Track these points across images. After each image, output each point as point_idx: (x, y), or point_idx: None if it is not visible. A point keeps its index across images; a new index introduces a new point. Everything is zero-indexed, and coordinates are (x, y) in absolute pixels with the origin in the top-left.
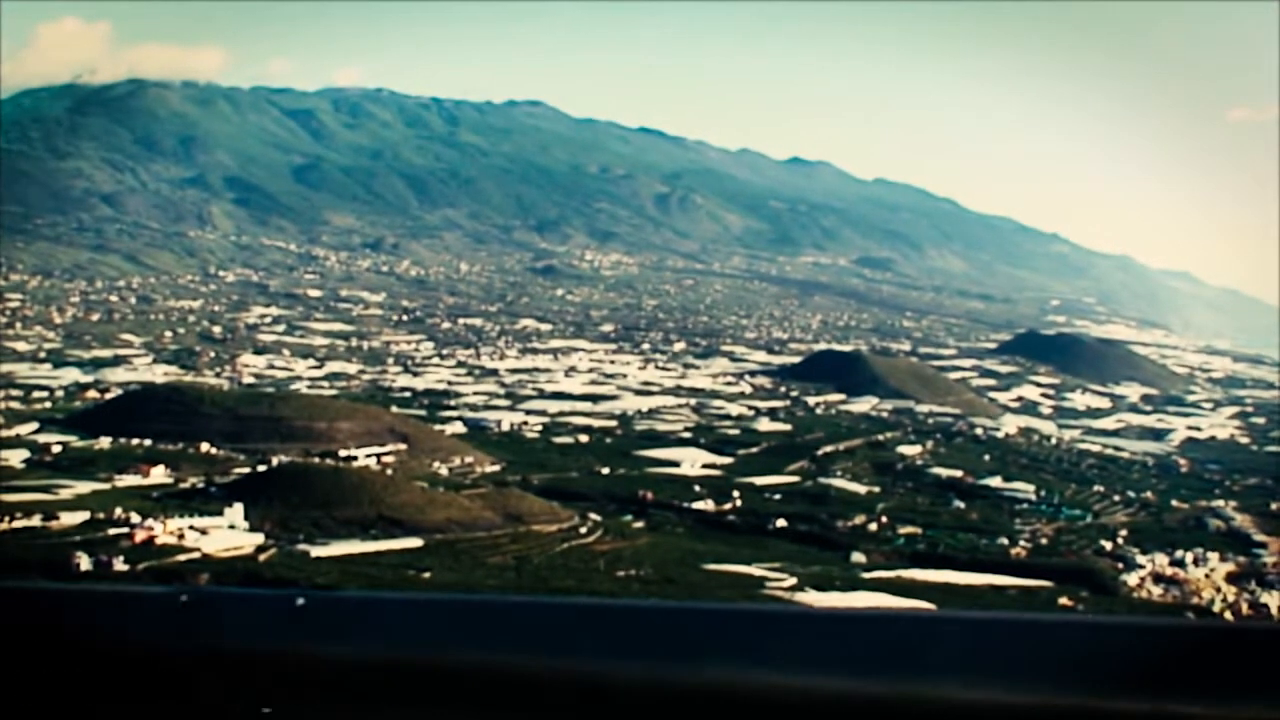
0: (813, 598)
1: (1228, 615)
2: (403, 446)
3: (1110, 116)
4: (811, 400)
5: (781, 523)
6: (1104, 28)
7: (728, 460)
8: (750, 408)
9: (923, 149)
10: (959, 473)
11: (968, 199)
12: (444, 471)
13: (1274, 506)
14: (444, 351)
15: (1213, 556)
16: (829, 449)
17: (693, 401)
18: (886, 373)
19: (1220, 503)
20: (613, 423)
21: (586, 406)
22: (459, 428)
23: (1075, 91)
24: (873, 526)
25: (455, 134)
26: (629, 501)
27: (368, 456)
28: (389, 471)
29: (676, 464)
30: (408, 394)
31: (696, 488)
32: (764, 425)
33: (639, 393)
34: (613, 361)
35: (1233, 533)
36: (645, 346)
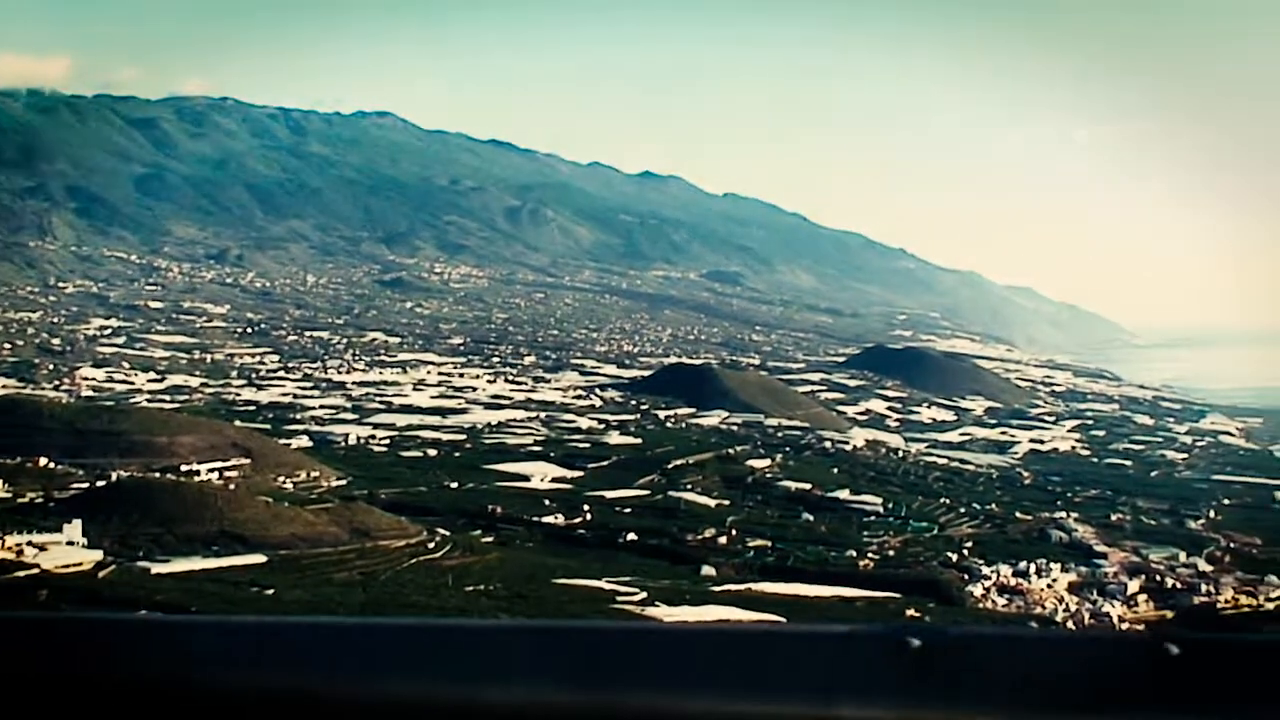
0: (663, 612)
1: (1069, 625)
2: (246, 461)
3: (956, 133)
4: (661, 414)
5: (632, 536)
6: (950, 45)
7: (578, 474)
8: (600, 421)
9: (772, 164)
10: (808, 486)
11: (816, 214)
12: (289, 486)
13: (1114, 518)
14: (289, 365)
15: (1055, 567)
16: (679, 462)
17: (543, 415)
18: (736, 386)
19: (1062, 514)
20: (462, 436)
21: (435, 420)
22: (304, 442)
23: (921, 108)
24: (723, 540)
25: (302, 144)
26: (478, 516)
27: (210, 471)
28: (232, 487)
29: (526, 478)
30: (252, 408)
31: (546, 502)
32: (614, 439)
33: (488, 406)
34: (462, 375)
35: (1074, 544)
36: (495, 360)
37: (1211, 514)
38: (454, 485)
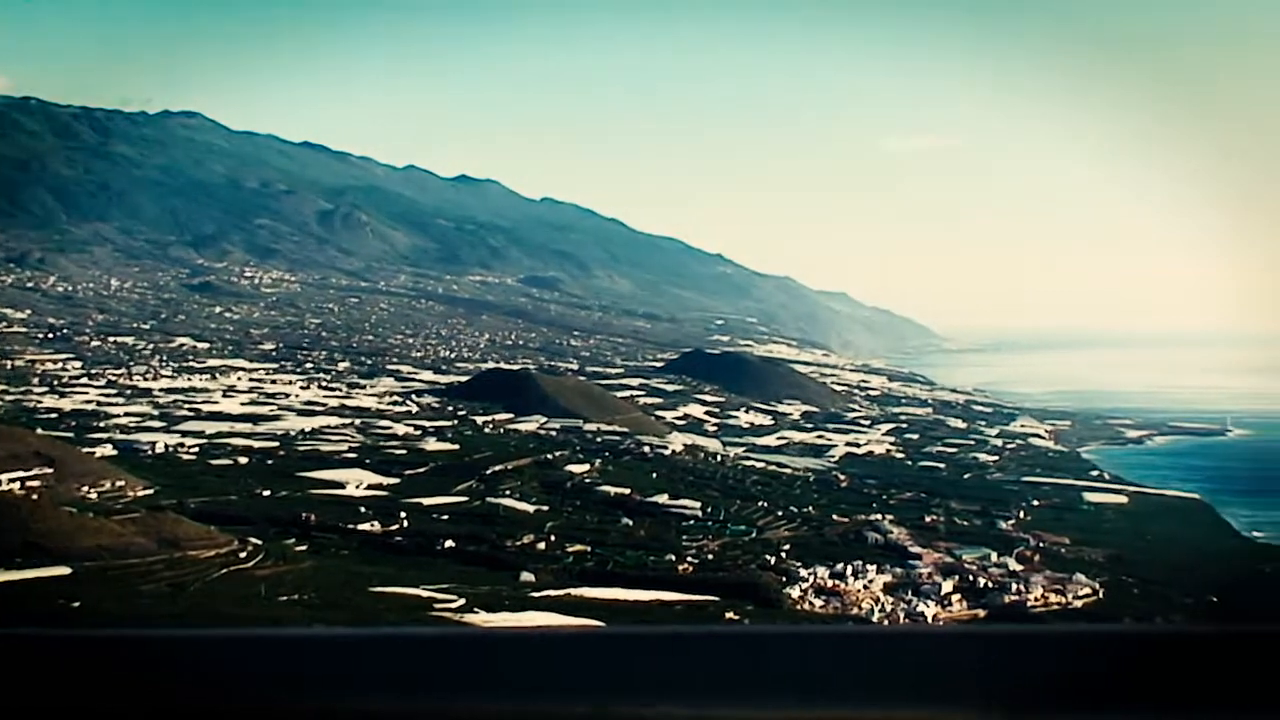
0: (481, 618)
1: (886, 624)
2: (48, 470)
3: (770, 141)
4: (479, 419)
5: (450, 543)
6: (765, 50)
7: (394, 481)
8: (417, 427)
9: (590, 169)
10: (627, 490)
11: (635, 220)
12: (93, 496)
13: (928, 519)
14: (93, 371)
15: (871, 569)
16: (497, 468)
17: (358, 421)
18: (554, 392)
19: (878, 517)
20: (274, 444)
21: (246, 427)
22: (109, 450)
23: (737, 114)
24: (541, 545)
25: (107, 145)
26: (291, 524)
27: (10, 482)
28: (34, 497)
29: (341, 485)
30: (54, 415)
31: (362, 509)
32: (431, 445)
33: (302, 413)
34: (274, 381)
35: (890, 545)
36: (308, 366)
37: (1021, 514)
38: (266, 493)
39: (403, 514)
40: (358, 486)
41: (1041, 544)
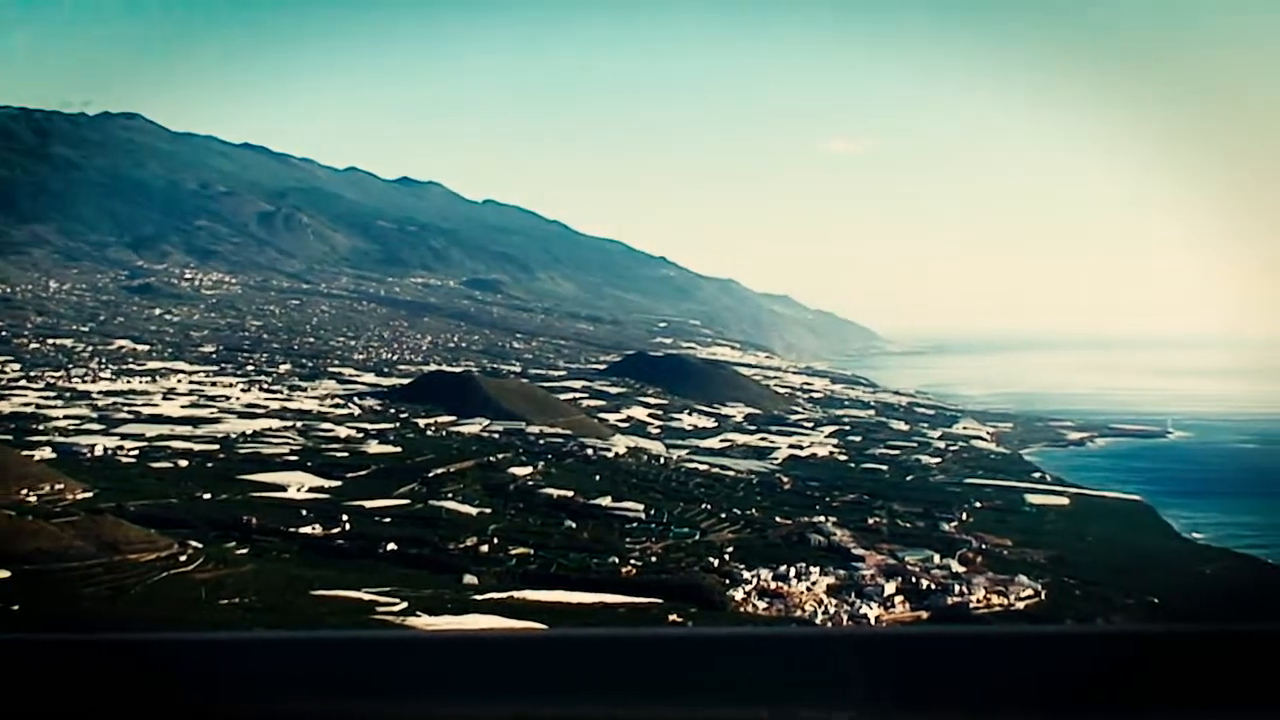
0: (424, 621)
1: (828, 626)
2: None
3: (713, 143)
4: (422, 422)
5: (392, 546)
6: (708, 59)
7: (336, 483)
8: (359, 430)
9: (533, 171)
10: (570, 493)
11: (578, 222)
12: (32, 499)
13: (871, 521)
14: (31, 374)
15: (814, 570)
16: (440, 471)
17: (299, 424)
18: (497, 394)
19: (821, 519)
20: (215, 447)
21: (187, 430)
22: (48, 454)
23: (680, 116)
24: (484, 548)
25: (46, 146)
26: (232, 528)
27: None
28: None
29: (283, 488)
30: None
31: (304, 512)
32: (373, 448)
33: (242, 416)
34: (214, 384)
35: (833, 547)
36: (249, 368)
37: (964, 516)
38: (207, 496)
39: (344, 517)
40: (299, 489)
41: (984, 546)
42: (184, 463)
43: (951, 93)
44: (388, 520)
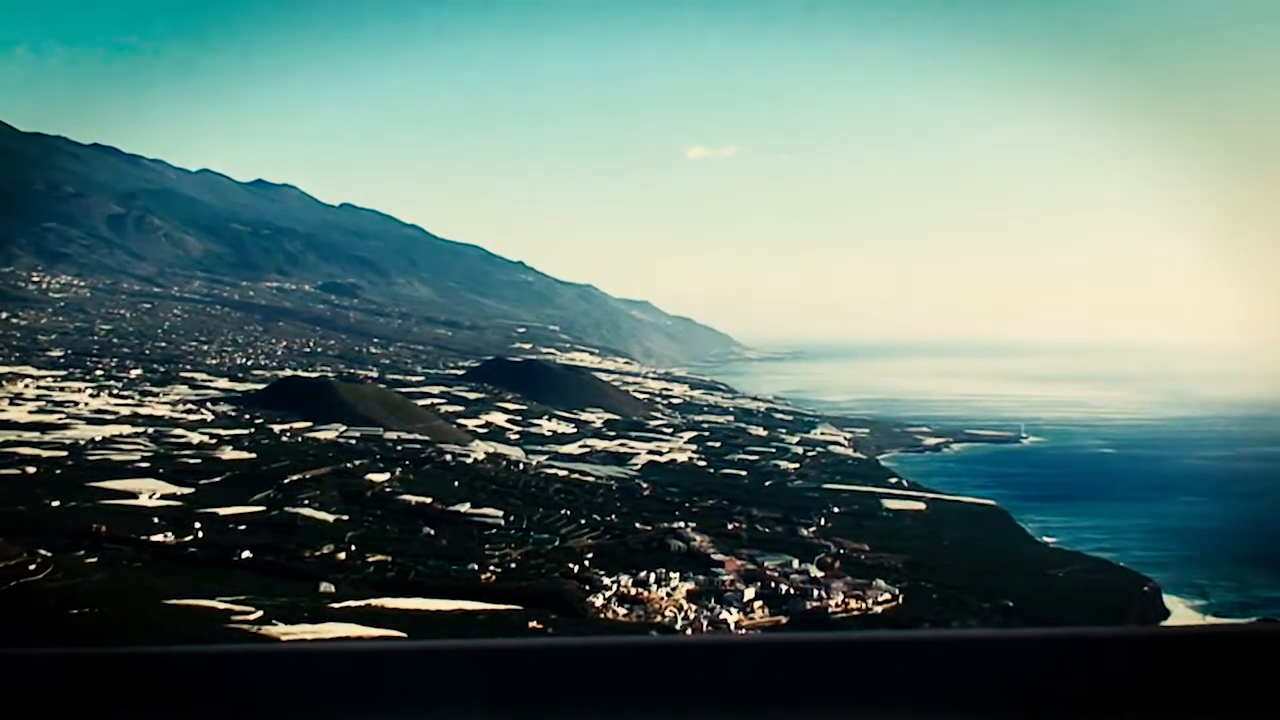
0: (280, 630)
1: (688, 631)
2: None
3: (570, 149)
4: (277, 428)
5: (247, 554)
6: (567, 60)
7: (189, 490)
8: (212, 436)
9: (389, 175)
10: (428, 499)
11: (435, 226)
12: None
13: (730, 527)
14: None
15: (674, 576)
16: (295, 477)
17: (150, 430)
18: (354, 400)
19: (681, 524)
20: (63, 453)
21: (34, 436)
22: None
23: (539, 119)
24: (341, 555)
25: None
26: (82, 536)
27: None
28: None
29: (134, 495)
30: None
31: (155, 520)
32: (227, 454)
33: (92, 421)
34: (62, 389)
35: (693, 553)
36: (98, 373)
37: (822, 521)
38: (55, 504)
39: (198, 524)
40: (151, 496)
41: (842, 550)
42: (31, 469)
43: (815, 95)
44: (242, 527)
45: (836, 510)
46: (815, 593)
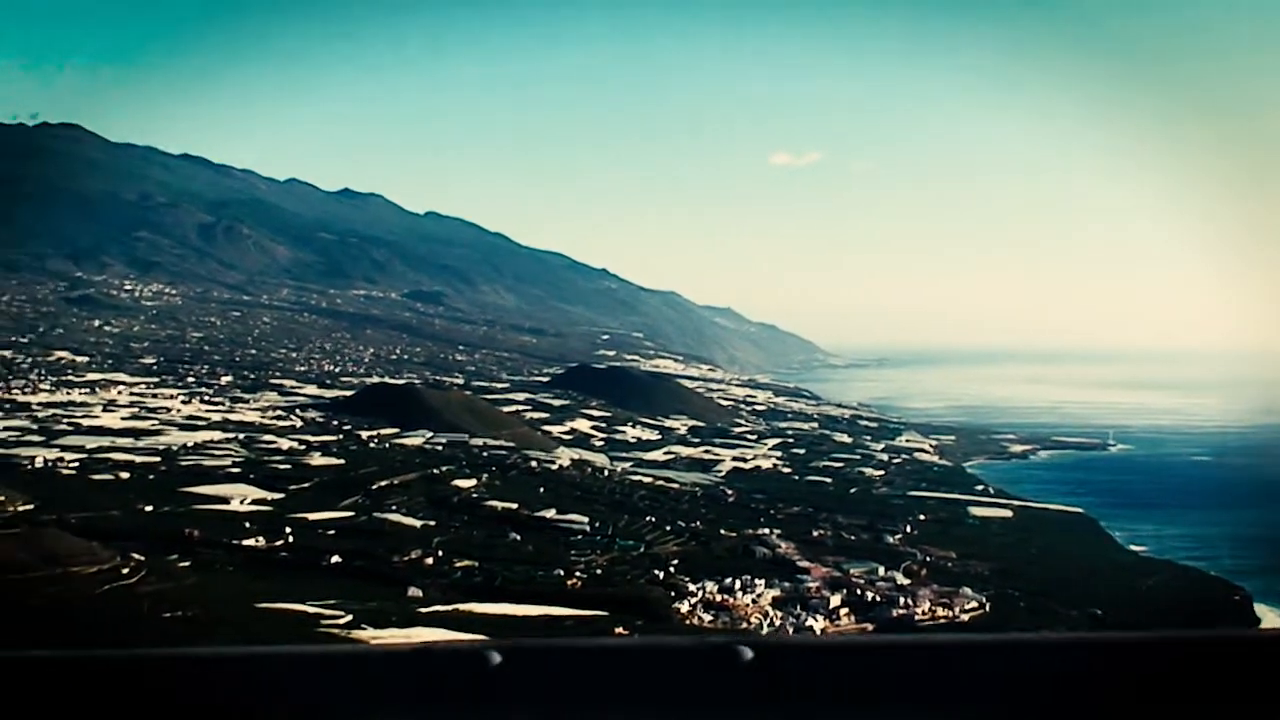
0: (369, 634)
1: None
2: None
3: (655, 158)
4: (364, 434)
5: (336, 559)
6: (653, 72)
7: (279, 496)
8: (301, 442)
9: (474, 183)
10: (514, 505)
11: (519, 234)
12: None
13: (815, 534)
14: None
15: (760, 583)
16: (383, 483)
17: (241, 436)
18: (440, 406)
19: (766, 531)
20: (156, 459)
21: (128, 442)
22: None
23: (624, 129)
24: (429, 560)
25: None
26: (175, 540)
27: None
28: None
29: (225, 500)
30: None
31: (246, 524)
32: (316, 460)
33: (184, 428)
34: (155, 395)
35: (778, 560)
36: (190, 380)
37: (908, 529)
38: (149, 509)
39: (288, 529)
40: (242, 502)
41: (928, 558)
42: (125, 475)
43: (898, 104)
44: (331, 533)
45: (923, 517)
46: (902, 600)
